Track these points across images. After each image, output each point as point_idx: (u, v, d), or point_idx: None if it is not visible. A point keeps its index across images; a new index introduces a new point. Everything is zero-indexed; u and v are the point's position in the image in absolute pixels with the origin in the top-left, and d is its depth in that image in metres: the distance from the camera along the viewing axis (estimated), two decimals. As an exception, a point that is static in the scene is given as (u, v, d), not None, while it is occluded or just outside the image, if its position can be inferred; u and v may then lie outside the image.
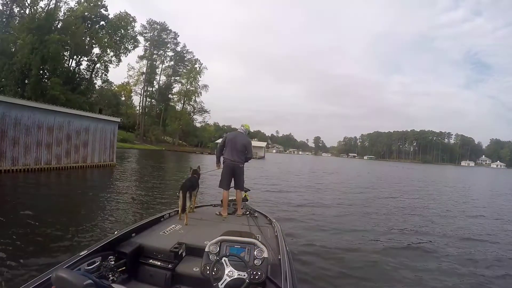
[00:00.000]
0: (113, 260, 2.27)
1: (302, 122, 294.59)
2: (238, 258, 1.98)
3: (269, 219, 3.82)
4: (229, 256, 1.98)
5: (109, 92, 56.06)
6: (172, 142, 63.22)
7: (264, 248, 2.07)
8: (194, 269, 2.29)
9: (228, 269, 1.88)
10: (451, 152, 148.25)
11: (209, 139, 69.67)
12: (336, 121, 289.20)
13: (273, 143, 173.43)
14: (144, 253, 2.51)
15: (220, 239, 2.17)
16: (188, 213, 3.51)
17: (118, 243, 2.50)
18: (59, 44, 31.37)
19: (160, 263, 2.41)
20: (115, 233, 2.65)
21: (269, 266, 2.02)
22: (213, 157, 4.80)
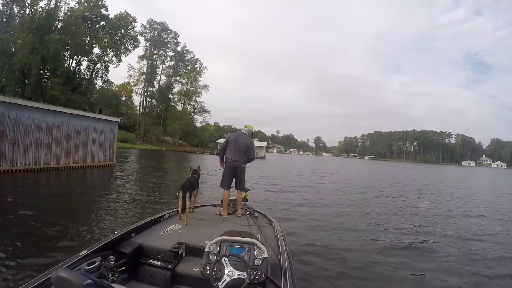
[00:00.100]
0: (113, 260, 2.26)
1: (302, 122, 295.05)
2: (238, 258, 1.97)
3: (269, 219, 3.81)
4: (229, 256, 1.97)
5: (110, 92, 56.12)
6: (173, 142, 63.29)
7: (264, 248, 2.07)
8: (194, 269, 2.28)
9: (228, 269, 1.87)
10: (452, 152, 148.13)
11: (210, 139, 69.69)
12: (337, 121, 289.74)
13: (274, 143, 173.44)
14: (144, 253, 2.51)
15: (220, 239, 2.16)
16: (188, 213, 3.51)
17: (118, 243, 2.50)
18: (59, 44, 31.42)
19: (160, 263, 2.40)
20: (115, 233, 2.64)
21: (269, 266, 2.02)
22: (214, 157, 4.83)
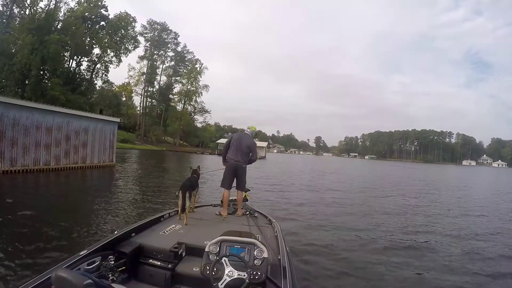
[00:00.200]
0: (113, 260, 2.26)
1: (303, 122, 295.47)
2: (238, 258, 1.97)
3: (269, 219, 3.81)
4: (229, 256, 1.97)
5: (110, 93, 56.11)
6: (173, 143, 63.30)
7: (264, 248, 2.06)
8: (194, 269, 2.28)
9: (228, 269, 1.87)
10: (452, 152, 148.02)
11: (210, 139, 69.71)
12: (337, 121, 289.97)
13: (274, 143, 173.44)
14: (144, 253, 2.51)
15: (220, 239, 2.16)
16: (188, 213, 3.50)
17: (118, 243, 2.49)
18: (59, 45, 31.43)
19: (160, 263, 2.40)
20: (115, 233, 2.64)
21: (269, 266, 2.01)
22: (214, 158, 4.88)
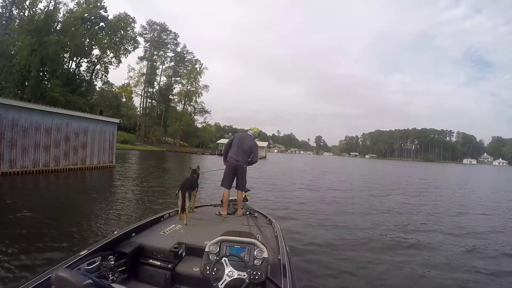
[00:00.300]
0: (113, 260, 2.26)
1: (303, 122, 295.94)
2: (238, 258, 1.96)
3: (269, 219, 3.80)
4: (229, 256, 1.96)
5: (110, 94, 56.15)
6: (173, 143, 63.35)
7: (264, 248, 2.06)
8: (194, 269, 2.28)
9: (228, 269, 1.87)
10: (453, 150, 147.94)
11: (210, 140, 69.75)
12: (337, 121, 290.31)
13: (275, 143, 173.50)
14: (144, 253, 2.50)
15: (220, 239, 2.15)
16: (188, 213, 3.50)
17: (118, 243, 2.49)
18: (58, 46, 31.45)
19: (160, 263, 2.39)
20: (115, 233, 2.64)
21: (269, 266, 2.01)
22: (215, 158, 4.90)
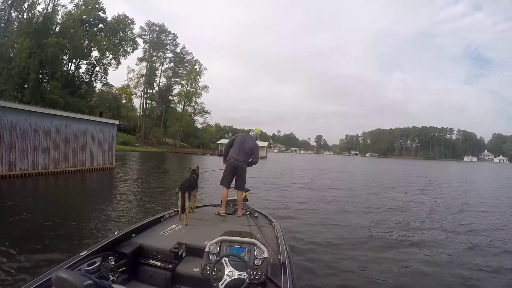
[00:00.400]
0: (113, 261, 2.26)
1: (303, 122, 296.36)
2: (238, 258, 1.96)
3: (269, 219, 3.79)
4: (229, 256, 1.96)
5: (109, 95, 56.27)
6: (174, 144, 63.40)
7: (264, 248, 2.05)
8: (194, 269, 2.27)
9: (228, 269, 1.86)
10: (454, 148, 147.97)
11: (211, 140, 69.84)
12: (337, 120, 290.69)
13: (275, 143, 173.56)
14: (144, 254, 2.50)
15: (220, 239, 2.15)
16: (188, 213, 3.49)
17: (118, 244, 2.49)
18: (57, 48, 31.50)
19: (160, 263, 2.40)
20: (115, 234, 2.64)
21: (269, 266, 2.00)
22: (215, 158, 4.89)
